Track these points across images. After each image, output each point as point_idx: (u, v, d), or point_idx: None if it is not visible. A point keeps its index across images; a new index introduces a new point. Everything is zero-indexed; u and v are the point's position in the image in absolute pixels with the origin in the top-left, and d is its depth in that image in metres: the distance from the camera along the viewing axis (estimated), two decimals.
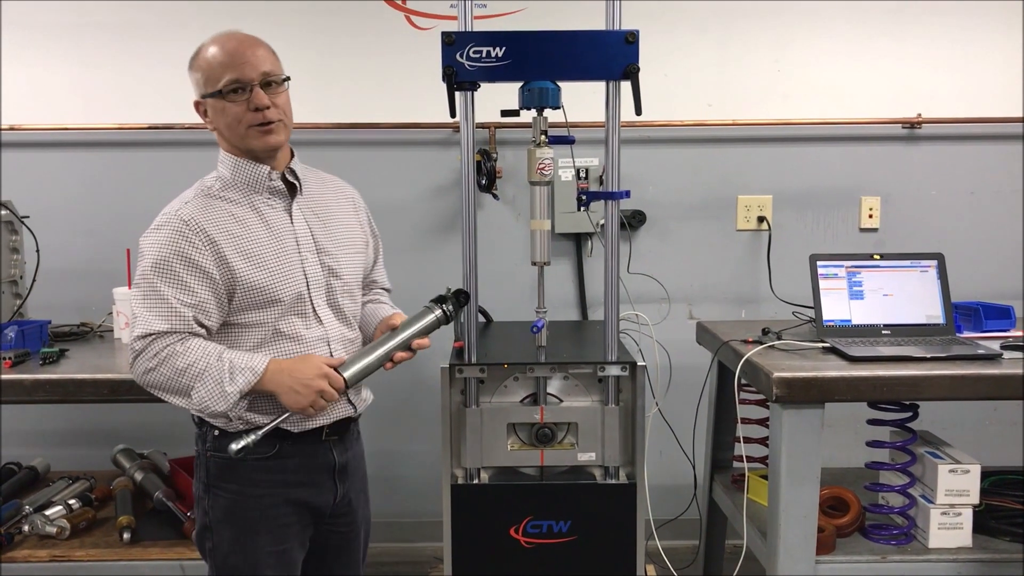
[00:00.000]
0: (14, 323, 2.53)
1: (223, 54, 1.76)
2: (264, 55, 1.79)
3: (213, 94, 1.77)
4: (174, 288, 1.72)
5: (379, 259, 2.11)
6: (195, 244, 1.73)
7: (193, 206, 1.77)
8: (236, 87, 1.75)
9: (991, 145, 3.19)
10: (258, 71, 1.76)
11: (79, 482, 2.72)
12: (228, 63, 1.75)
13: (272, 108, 1.77)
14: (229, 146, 1.83)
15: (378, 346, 1.84)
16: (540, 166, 2.14)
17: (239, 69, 1.75)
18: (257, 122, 1.77)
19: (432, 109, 2.89)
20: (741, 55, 3.16)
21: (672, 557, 2.65)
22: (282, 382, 1.73)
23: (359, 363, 1.80)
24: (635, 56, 2.02)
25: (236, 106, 1.76)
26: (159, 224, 1.77)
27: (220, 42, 1.79)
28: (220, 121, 1.79)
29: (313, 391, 1.72)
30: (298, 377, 1.73)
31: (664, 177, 3.20)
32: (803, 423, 2.16)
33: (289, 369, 1.74)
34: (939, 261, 2.50)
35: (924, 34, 3.14)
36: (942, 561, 2.26)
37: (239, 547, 1.83)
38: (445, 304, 1.91)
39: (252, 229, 1.79)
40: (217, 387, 1.69)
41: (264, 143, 1.79)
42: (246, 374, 1.70)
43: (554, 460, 2.17)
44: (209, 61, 1.77)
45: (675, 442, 2.81)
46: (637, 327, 2.65)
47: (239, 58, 1.76)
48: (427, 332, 1.88)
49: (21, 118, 3.10)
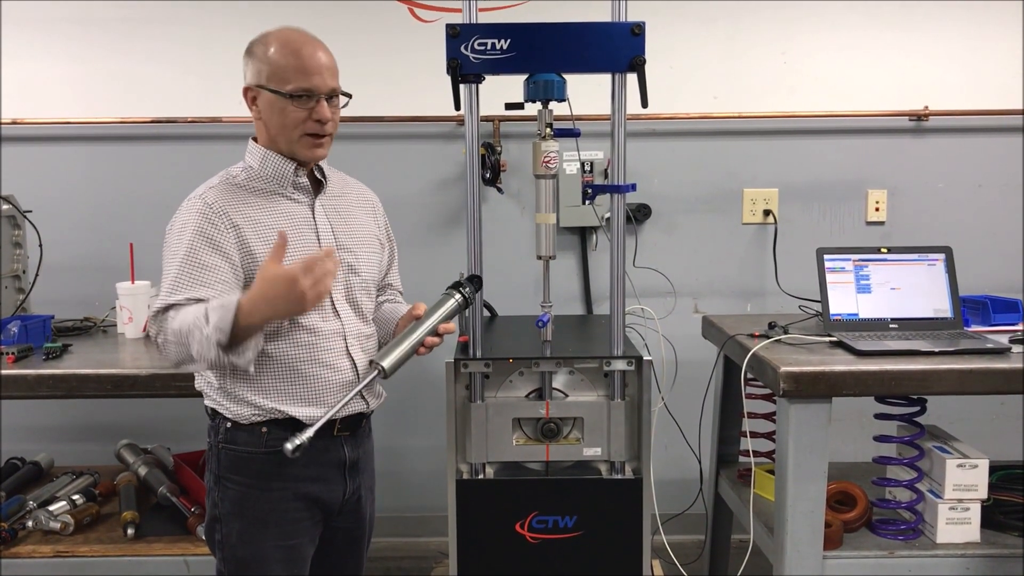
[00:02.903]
0: (17, 318, 2.53)
1: (297, 58, 1.76)
2: (334, 68, 1.81)
3: (277, 91, 1.76)
4: (191, 267, 1.71)
5: (395, 263, 2.11)
6: (217, 226, 1.74)
7: (217, 191, 1.79)
8: (305, 95, 1.76)
9: (999, 138, 3.17)
10: (328, 86, 1.78)
11: (83, 477, 2.72)
12: (302, 69, 1.75)
13: (331, 123, 1.80)
14: (268, 141, 1.84)
15: (409, 333, 1.82)
16: (545, 159, 2.13)
17: (312, 79, 1.76)
18: (313, 132, 1.78)
19: (436, 102, 2.87)
20: (747, 48, 3.14)
21: (678, 552, 2.64)
22: (263, 308, 1.62)
23: (396, 351, 1.79)
24: (641, 48, 2.00)
25: (299, 112, 1.77)
26: (184, 207, 1.78)
27: (295, 42, 1.78)
28: (273, 119, 1.79)
29: (297, 296, 1.60)
30: (275, 296, 1.61)
31: (670, 170, 3.19)
32: (810, 417, 2.15)
33: (261, 296, 1.62)
34: (947, 254, 2.49)
35: (931, 26, 3.13)
36: (950, 556, 2.25)
37: (247, 540, 1.82)
38: (463, 289, 1.91)
39: (274, 218, 1.80)
40: (200, 334, 1.62)
41: (313, 155, 1.82)
42: (218, 311, 1.61)
43: (560, 455, 2.16)
44: (280, 59, 1.76)
45: (681, 437, 2.80)
46: (643, 321, 2.64)
47: (313, 67, 1.76)
48: (451, 317, 1.89)
49: (23, 112, 3.10)
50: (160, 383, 2.22)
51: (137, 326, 2.61)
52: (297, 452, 1.62)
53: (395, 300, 2.09)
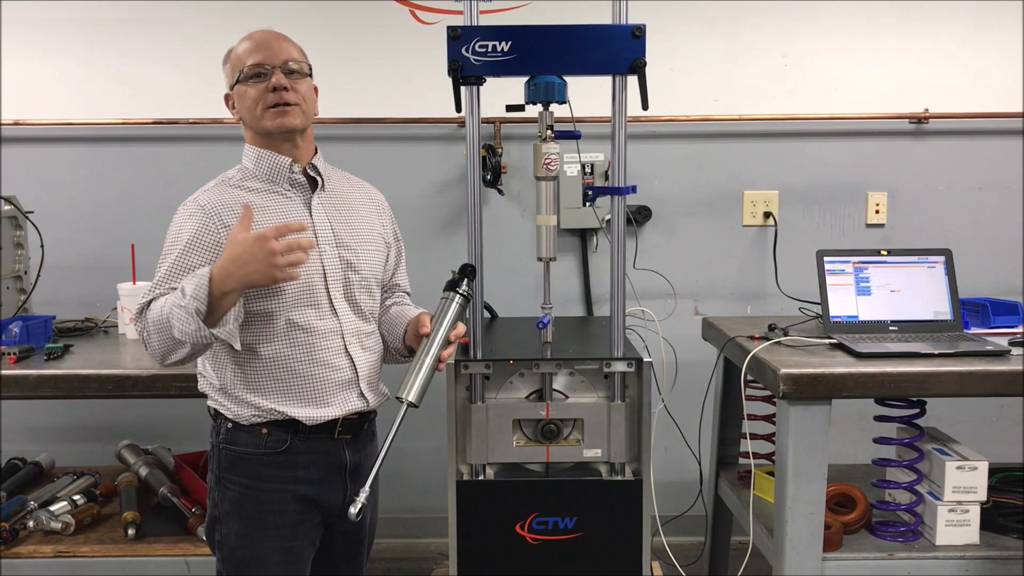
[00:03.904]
0: (18, 318, 2.54)
1: (251, 43, 1.83)
2: (289, 47, 1.85)
3: (238, 80, 1.81)
4: (179, 270, 1.73)
5: (402, 263, 2.11)
6: (209, 229, 1.76)
7: (211, 193, 1.81)
8: (258, 72, 1.80)
9: (999, 140, 3.17)
10: (280, 58, 1.81)
11: (84, 478, 2.73)
12: (253, 49, 1.81)
13: (291, 92, 1.80)
14: (252, 135, 1.86)
15: (424, 356, 1.81)
16: (546, 161, 2.13)
17: (262, 54, 1.80)
18: (273, 103, 1.79)
19: (437, 104, 2.87)
20: (748, 50, 3.14)
21: (678, 553, 2.64)
22: (235, 272, 1.62)
23: (417, 380, 1.79)
24: (642, 50, 2.01)
25: (255, 89, 1.80)
26: (178, 211, 1.81)
27: (250, 36, 1.85)
28: (242, 107, 1.83)
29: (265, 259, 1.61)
30: (246, 256, 1.61)
31: (670, 172, 3.19)
32: (810, 419, 2.15)
33: (231, 258, 1.63)
34: (946, 257, 2.49)
35: (931, 29, 3.13)
36: (949, 558, 2.25)
37: (246, 541, 1.83)
38: (459, 287, 1.89)
39: (268, 216, 1.80)
40: (179, 310, 1.62)
41: (279, 124, 1.80)
42: (192, 281, 1.63)
43: (560, 456, 2.16)
44: (238, 53, 1.83)
45: (681, 438, 2.80)
46: (643, 323, 2.64)
47: (264, 46, 1.81)
48: (456, 320, 1.88)
49: (25, 113, 3.11)
50: (161, 384, 2.22)
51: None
52: (360, 516, 1.67)
53: (403, 302, 2.08)
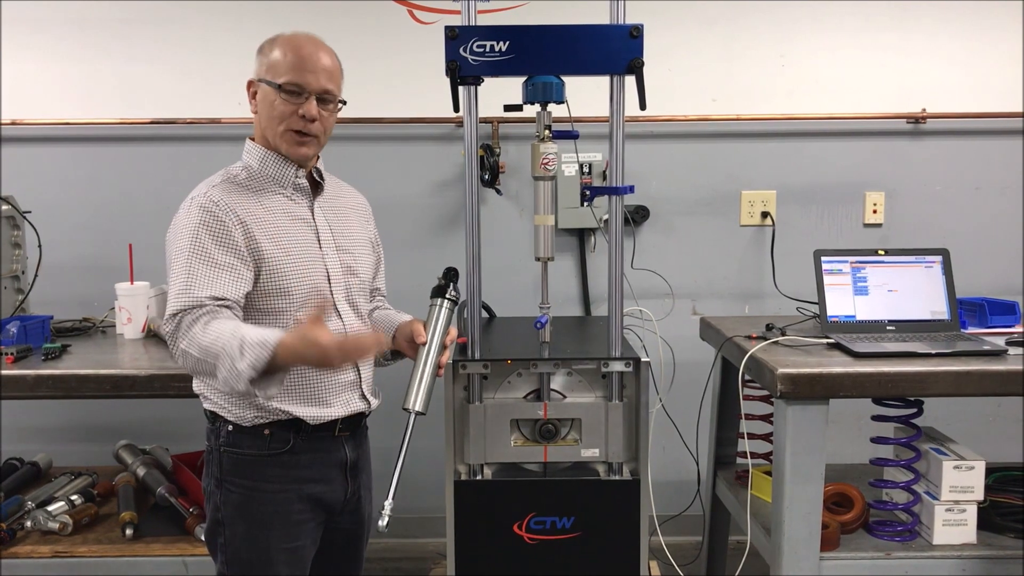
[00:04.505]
0: (16, 318, 2.53)
1: (295, 55, 1.78)
2: (332, 72, 1.83)
3: (270, 83, 1.79)
4: (204, 265, 1.70)
5: (381, 267, 2.11)
6: (225, 223, 1.73)
7: (220, 189, 1.79)
8: (295, 90, 1.78)
9: (996, 140, 3.18)
10: (320, 85, 1.79)
11: (81, 478, 2.72)
12: (296, 65, 1.78)
13: (317, 123, 1.80)
14: (261, 136, 1.85)
15: (424, 365, 1.84)
16: (544, 161, 2.13)
17: (304, 75, 1.77)
18: (297, 128, 1.79)
19: (435, 104, 2.87)
20: (745, 50, 3.14)
21: (675, 553, 2.65)
22: (296, 361, 1.62)
23: (420, 389, 1.83)
24: (639, 50, 2.01)
25: (286, 106, 1.78)
26: (187, 206, 1.77)
27: (298, 41, 1.81)
28: (264, 111, 1.82)
29: (326, 364, 1.63)
30: (308, 356, 1.61)
31: (668, 172, 3.19)
32: (807, 419, 2.15)
33: (298, 354, 1.61)
34: (944, 257, 2.49)
35: (929, 28, 3.13)
36: (946, 558, 2.26)
37: (252, 542, 1.82)
38: (446, 293, 1.92)
39: (277, 216, 1.81)
40: (232, 365, 1.59)
41: (295, 153, 1.82)
42: (256, 349, 1.58)
43: (557, 456, 2.16)
44: (280, 55, 1.79)
45: (679, 438, 2.80)
46: (641, 323, 2.64)
47: (308, 65, 1.78)
48: (448, 325, 1.90)
49: (23, 113, 3.10)
50: (159, 384, 2.22)
51: (136, 327, 2.61)
52: (387, 528, 1.72)
53: (384, 306, 2.09)
